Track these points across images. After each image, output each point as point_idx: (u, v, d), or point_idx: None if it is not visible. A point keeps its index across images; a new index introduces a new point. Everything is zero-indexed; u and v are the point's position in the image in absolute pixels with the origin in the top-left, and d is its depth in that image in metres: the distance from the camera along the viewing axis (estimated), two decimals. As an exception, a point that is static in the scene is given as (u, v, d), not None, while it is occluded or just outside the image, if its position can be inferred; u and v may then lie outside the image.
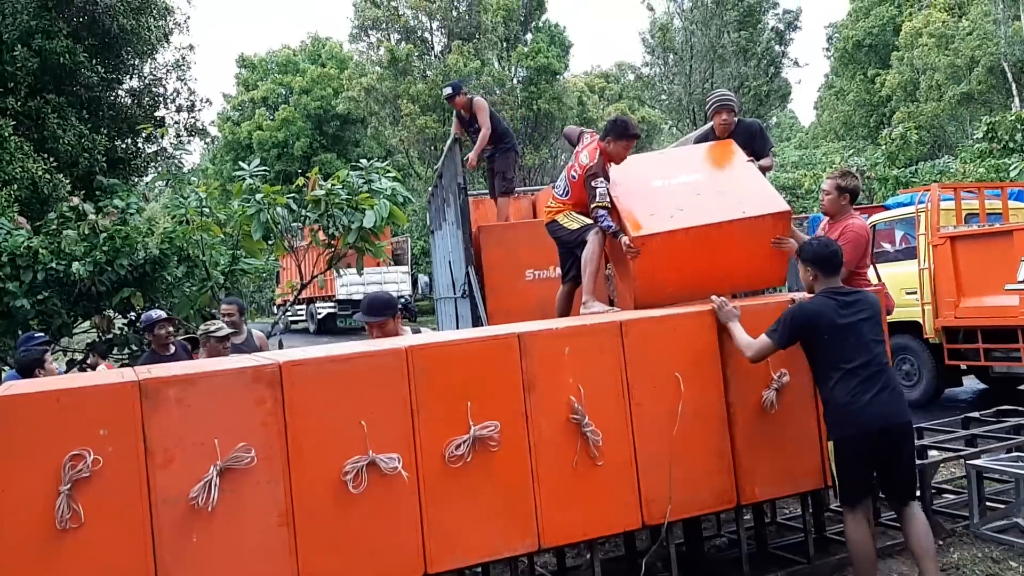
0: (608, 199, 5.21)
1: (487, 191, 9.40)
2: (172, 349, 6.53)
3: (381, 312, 4.77)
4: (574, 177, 5.51)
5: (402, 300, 27.85)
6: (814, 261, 4.45)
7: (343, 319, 27.11)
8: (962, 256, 9.12)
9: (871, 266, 6.90)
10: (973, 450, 5.61)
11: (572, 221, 5.53)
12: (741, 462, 4.46)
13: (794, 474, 4.65)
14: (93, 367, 8.40)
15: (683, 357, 4.38)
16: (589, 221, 5.41)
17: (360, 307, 4.86)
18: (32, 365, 5.95)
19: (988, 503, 5.42)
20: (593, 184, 5.26)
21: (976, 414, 6.49)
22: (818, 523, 5.19)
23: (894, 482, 4.33)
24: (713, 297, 4.57)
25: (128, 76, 16.86)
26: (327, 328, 27.33)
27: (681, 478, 4.26)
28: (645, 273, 4.93)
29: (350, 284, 25.72)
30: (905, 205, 11.06)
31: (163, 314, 6.79)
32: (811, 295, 4.50)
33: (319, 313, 27.89)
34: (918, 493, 4.62)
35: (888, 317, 5.00)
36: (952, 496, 5.93)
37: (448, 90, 8.57)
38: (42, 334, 7.03)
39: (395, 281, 27.38)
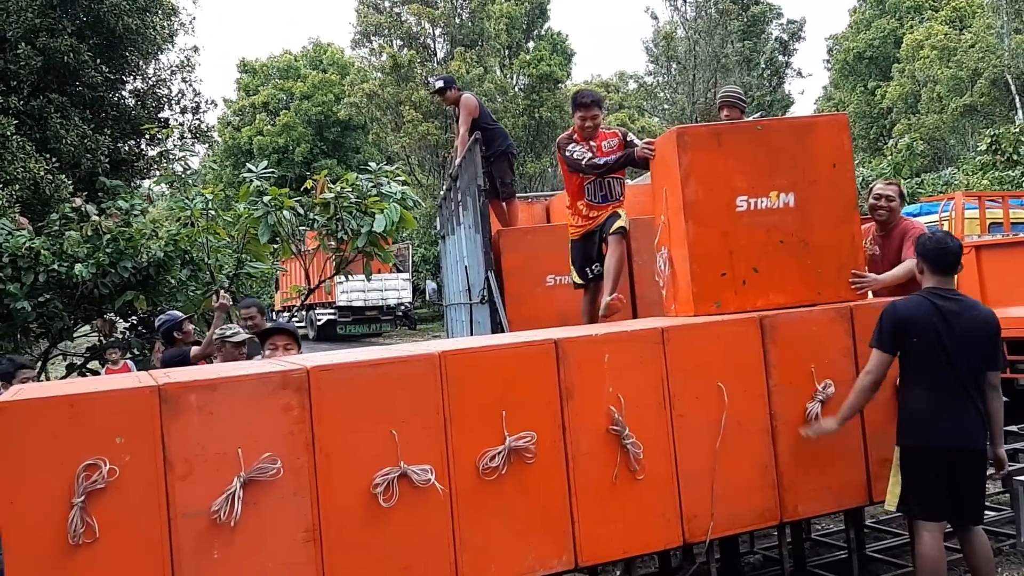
0: (586, 159, 5.35)
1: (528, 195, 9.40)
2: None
3: (286, 332, 4.84)
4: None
5: (402, 308, 27.77)
6: (927, 256, 4.14)
7: (343, 326, 26.87)
8: (987, 266, 8.90)
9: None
10: (1019, 466, 5.39)
11: (574, 232, 5.77)
12: (784, 477, 4.23)
13: (837, 490, 4.41)
14: (115, 362, 8.59)
15: (726, 366, 4.15)
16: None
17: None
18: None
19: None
20: (566, 153, 5.45)
21: (1015, 427, 6.28)
22: (859, 541, 4.96)
23: (958, 504, 4.09)
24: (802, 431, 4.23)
25: (132, 77, 16.67)
26: (326, 335, 27.01)
27: (723, 493, 4.05)
28: None
29: (351, 291, 25.51)
30: (915, 215, 10.88)
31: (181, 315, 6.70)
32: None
33: (319, 319, 27.59)
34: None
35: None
36: (992, 513, 5.71)
37: (439, 83, 8.12)
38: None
39: (396, 288, 27.17)
